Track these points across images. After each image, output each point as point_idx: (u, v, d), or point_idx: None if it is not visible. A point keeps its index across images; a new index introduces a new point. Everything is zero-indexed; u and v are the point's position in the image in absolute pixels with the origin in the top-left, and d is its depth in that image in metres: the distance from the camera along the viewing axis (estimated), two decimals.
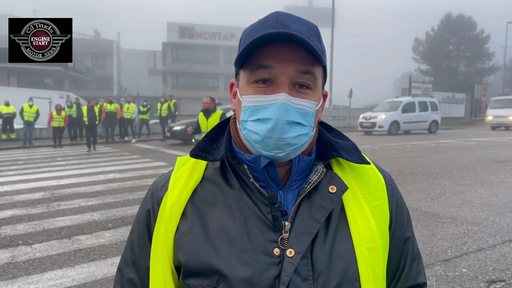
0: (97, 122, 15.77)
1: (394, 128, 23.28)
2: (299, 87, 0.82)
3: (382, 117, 23.37)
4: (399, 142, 17.75)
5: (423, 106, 24.80)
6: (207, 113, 7.57)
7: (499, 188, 8.11)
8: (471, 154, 13.45)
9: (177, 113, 21.16)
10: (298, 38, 0.76)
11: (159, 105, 20.36)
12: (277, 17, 0.82)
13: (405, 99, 25.01)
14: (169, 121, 19.98)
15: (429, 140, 18.98)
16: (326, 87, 0.94)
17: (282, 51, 0.79)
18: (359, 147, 0.95)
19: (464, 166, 10.89)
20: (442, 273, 4.15)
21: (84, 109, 15.54)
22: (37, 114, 17.90)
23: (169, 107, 19.96)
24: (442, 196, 7.46)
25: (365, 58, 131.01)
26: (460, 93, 38.15)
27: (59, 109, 17.38)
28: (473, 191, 7.84)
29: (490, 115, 29.01)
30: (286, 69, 0.80)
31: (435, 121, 25.24)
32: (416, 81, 37.81)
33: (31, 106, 17.78)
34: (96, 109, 16.08)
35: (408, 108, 24.04)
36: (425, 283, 0.99)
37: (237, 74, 0.89)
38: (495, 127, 28.53)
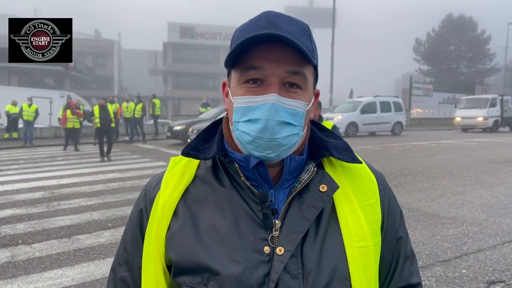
0: (113, 125, 13.08)
1: (352, 130, 21.76)
2: (290, 87, 0.82)
3: (338, 118, 21.64)
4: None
5: (386, 107, 23.37)
6: None
7: (499, 189, 8.11)
8: (472, 154, 13.45)
9: (155, 113, 20.50)
10: (287, 39, 0.76)
11: (132, 105, 19.55)
12: (267, 17, 0.82)
13: (365, 99, 23.37)
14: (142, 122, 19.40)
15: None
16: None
17: (272, 51, 0.79)
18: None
19: (465, 166, 10.89)
20: (442, 273, 4.14)
21: (96, 109, 12.85)
22: (37, 113, 17.87)
23: (143, 108, 19.24)
24: (442, 197, 7.46)
25: (366, 58, 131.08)
26: (460, 93, 38.15)
27: (73, 109, 15.95)
28: (473, 192, 7.84)
29: (458, 116, 27.04)
30: (276, 69, 0.80)
31: (399, 123, 23.78)
32: (417, 81, 37.84)
33: (30, 106, 17.76)
34: (111, 108, 13.49)
35: (368, 108, 22.63)
36: (419, 283, 0.98)
37: (228, 74, 0.89)
38: (466, 128, 26.70)
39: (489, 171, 10.11)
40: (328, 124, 4.06)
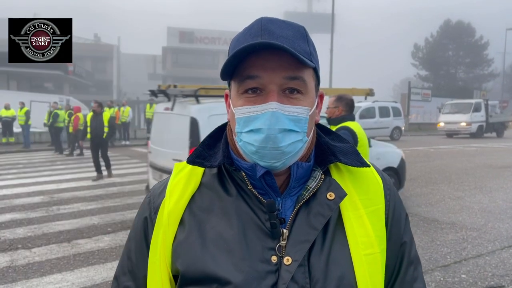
0: (104, 135, 10.00)
1: None
2: (290, 93, 0.80)
3: None
4: None
5: (384, 112, 23.14)
6: None
7: (498, 194, 8.13)
8: (471, 160, 13.48)
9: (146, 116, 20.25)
10: (280, 46, 0.75)
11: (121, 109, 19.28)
12: (261, 24, 0.81)
13: (364, 104, 22.84)
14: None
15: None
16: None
17: (268, 59, 0.78)
18: None
19: (464, 172, 10.91)
20: (441, 278, 4.15)
21: (89, 117, 10.20)
22: (27, 115, 17.71)
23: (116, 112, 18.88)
24: (441, 202, 7.47)
25: (365, 63, 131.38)
26: (459, 99, 38.22)
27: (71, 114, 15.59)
28: (472, 197, 7.85)
29: (442, 121, 26.46)
30: (273, 77, 0.78)
31: (397, 128, 23.64)
32: (415, 86, 37.90)
33: (21, 109, 17.73)
34: (106, 115, 10.29)
35: (366, 113, 22.17)
36: None
37: (229, 85, 0.87)
38: (451, 134, 26.11)
39: (488, 177, 10.13)
40: (352, 125, 3.94)
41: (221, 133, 0.95)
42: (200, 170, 0.91)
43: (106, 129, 9.99)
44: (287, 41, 0.78)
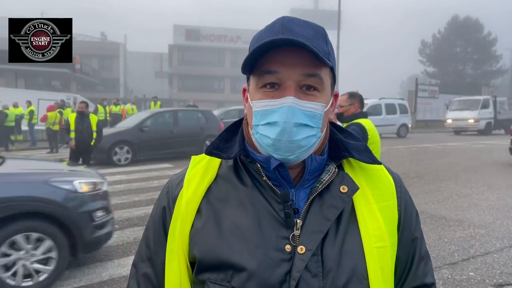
0: (92, 142, 8.71)
1: None
2: (307, 89, 0.84)
3: None
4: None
5: (391, 109, 23.14)
6: None
7: (506, 192, 8.06)
8: (478, 157, 13.38)
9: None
10: (300, 43, 0.79)
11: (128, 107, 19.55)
12: (282, 22, 0.84)
13: (371, 101, 22.65)
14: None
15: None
16: None
17: (287, 55, 0.82)
18: None
19: (471, 169, 10.84)
20: (449, 276, 4.13)
21: (72, 118, 8.60)
22: (30, 115, 17.90)
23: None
24: (449, 199, 7.42)
25: (371, 60, 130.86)
26: (467, 96, 37.92)
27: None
28: (480, 194, 7.80)
29: (450, 118, 25.93)
30: (291, 73, 0.82)
31: (404, 125, 23.57)
32: (423, 83, 37.63)
33: (27, 108, 17.97)
34: (94, 118, 8.91)
35: (373, 111, 21.80)
36: (433, 283, 1.01)
37: (248, 79, 0.92)
38: (458, 131, 25.62)
39: (496, 174, 10.05)
40: (364, 122, 3.88)
41: (237, 127, 0.99)
42: (216, 162, 0.96)
43: (94, 135, 8.64)
44: (307, 40, 0.81)
